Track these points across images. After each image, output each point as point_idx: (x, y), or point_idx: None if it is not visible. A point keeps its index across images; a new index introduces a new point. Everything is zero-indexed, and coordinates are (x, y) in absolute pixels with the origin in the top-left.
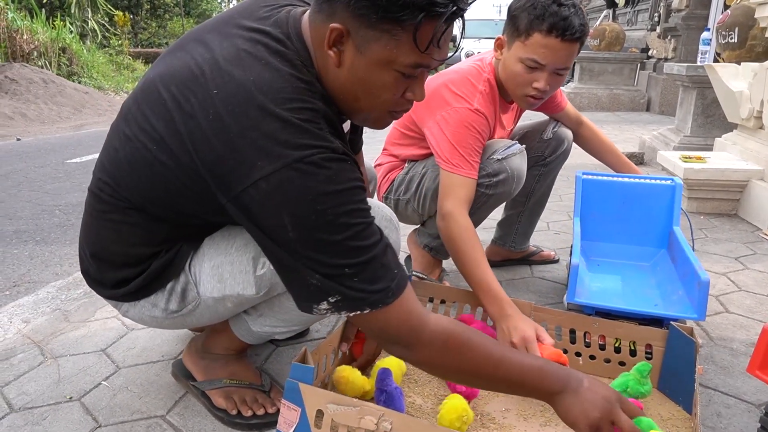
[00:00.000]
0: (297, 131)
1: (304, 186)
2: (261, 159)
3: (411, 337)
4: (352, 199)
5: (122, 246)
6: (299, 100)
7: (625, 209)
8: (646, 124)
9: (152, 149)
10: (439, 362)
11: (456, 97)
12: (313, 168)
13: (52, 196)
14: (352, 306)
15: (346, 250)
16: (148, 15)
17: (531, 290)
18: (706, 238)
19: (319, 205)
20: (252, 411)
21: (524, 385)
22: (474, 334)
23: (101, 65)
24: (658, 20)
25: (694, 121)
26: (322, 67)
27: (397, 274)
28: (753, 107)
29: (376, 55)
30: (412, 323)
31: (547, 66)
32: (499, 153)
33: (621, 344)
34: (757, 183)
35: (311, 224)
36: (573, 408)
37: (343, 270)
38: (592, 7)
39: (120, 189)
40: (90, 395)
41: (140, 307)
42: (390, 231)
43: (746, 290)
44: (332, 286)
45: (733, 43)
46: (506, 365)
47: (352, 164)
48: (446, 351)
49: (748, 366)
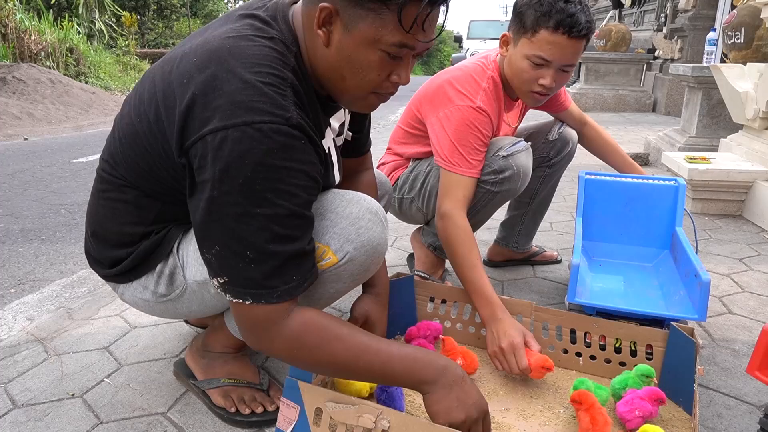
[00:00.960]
0: (256, 94)
1: (243, 149)
2: (215, 116)
3: (266, 331)
4: (286, 179)
5: (117, 224)
6: (268, 66)
7: (628, 210)
8: (652, 125)
9: (136, 122)
10: (294, 355)
11: (459, 95)
12: (259, 135)
13: (58, 195)
14: (237, 293)
15: (258, 229)
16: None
17: (533, 290)
18: (710, 239)
19: (250, 172)
20: (250, 409)
21: (391, 373)
22: (332, 325)
23: (108, 65)
24: (664, 21)
25: (700, 122)
26: (311, 48)
27: (294, 280)
28: (758, 108)
29: (363, 34)
30: (272, 318)
31: (554, 63)
32: (505, 150)
33: (621, 344)
34: (762, 184)
35: (236, 188)
36: (440, 402)
37: (245, 251)
38: (599, 8)
39: (117, 167)
40: (92, 392)
41: (133, 289)
42: (372, 224)
43: (750, 291)
44: (225, 265)
45: (740, 44)
46: (368, 355)
47: (306, 143)
48: (300, 345)
49: (748, 367)
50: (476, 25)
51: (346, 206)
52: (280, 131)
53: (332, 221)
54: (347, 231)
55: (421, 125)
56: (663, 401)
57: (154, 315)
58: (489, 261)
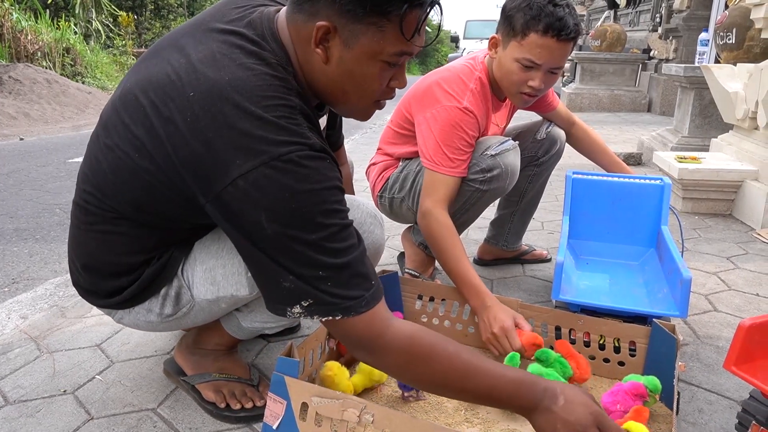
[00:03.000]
0: (273, 128)
1: (281, 183)
2: (239, 157)
3: (373, 343)
4: (329, 198)
5: (113, 256)
6: (274, 97)
7: (615, 208)
8: (646, 124)
9: (134, 157)
10: (403, 370)
11: (446, 95)
12: (291, 166)
13: (53, 194)
14: (325, 311)
15: (321, 251)
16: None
17: (522, 288)
18: (699, 238)
19: (295, 203)
20: (240, 404)
21: (495, 398)
22: (440, 343)
23: (105, 65)
24: (659, 21)
25: (692, 122)
26: (305, 64)
27: (373, 285)
28: (748, 108)
29: (365, 48)
30: (375, 330)
31: (543, 65)
32: (493, 149)
33: (605, 341)
34: (752, 183)
35: (287, 222)
36: (545, 425)
37: (317, 272)
38: (594, 8)
39: (106, 199)
40: (84, 389)
41: (135, 314)
42: (374, 227)
43: (736, 289)
44: (306, 290)
45: (731, 44)
46: (476, 377)
47: (331, 162)
48: (410, 359)
49: (725, 362)
50: (473, 25)
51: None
52: (309, 156)
53: None
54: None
55: (410, 125)
56: (644, 396)
57: (156, 332)
58: (479, 260)
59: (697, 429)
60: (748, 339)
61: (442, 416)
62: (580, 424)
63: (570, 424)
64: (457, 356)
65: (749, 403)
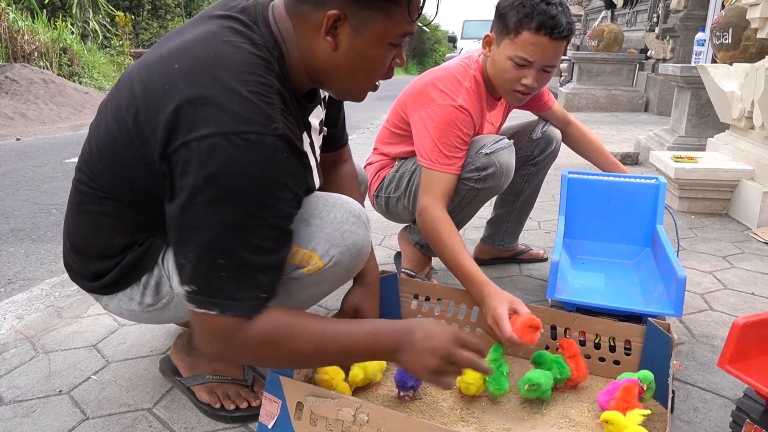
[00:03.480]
0: (244, 103)
1: (230, 158)
2: (202, 122)
3: (232, 341)
4: (269, 191)
5: (99, 237)
6: (253, 74)
7: (611, 208)
8: (644, 124)
9: (114, 131)
10: (262, 359)
11: (441, 94)
12: (246, 145)
13: (50, 195)
14: (203, 303)
15: (236, 237)
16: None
17: (518, 288)
18: (695, 237)
19: (234, 181)
20: (235, 404)
21: (358, 354)
22: (297, 321)
23: (102, 65)
24: (656, 21)
25: (689, 122)
26: (307, 52)
27: (263, 297)
28: (744, 108)
29: (374, 33)
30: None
31: (536, 63)
32: (488, 147)
33: (601, 340)
34: (748, 183)
35: (218, 196)
36: (411, 362)
37: (218, 260)
38: (592, 8)
39: (96, 178)
40: (79, 389)
41: (118, 300)
42: (356, 227)
43: (731, 288)
44: (199, 273)
45: (728, 44)
46: (333, 343)
47: (291, 156)
48: (265, 346)
49: (719, 360)
50: (470, 25)
51: (330, 211)
52: (266, 142)
53: (318, 227)
54: (332, 236)
55: (406, 125)
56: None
57: (140, 322)
58: (476, 259)
59: (692, 427)
60: (743, 337)
61: (438, 415)
62: (442, 347)
63: (433, 350)
64: (312, 328)
65: (743, 401)
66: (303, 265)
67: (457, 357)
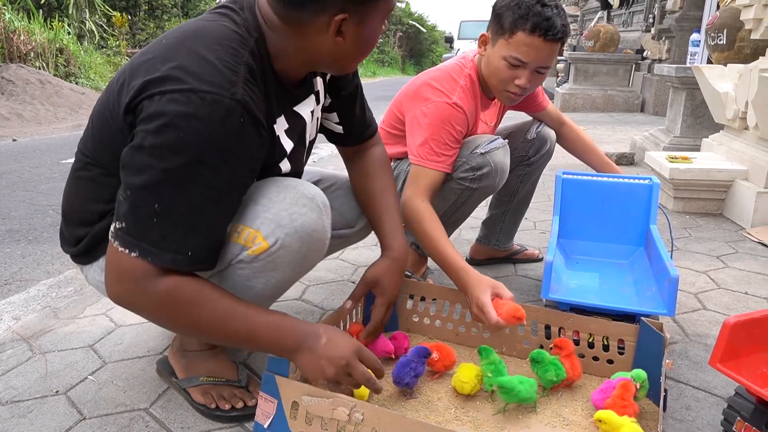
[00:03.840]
0: (208, 67)
1: (184, 113)
2: (169, 80)
3: (140, 286)
4: (216, 150)
5: (80, 201)
6: (225, 45)
7: (605, 208)
8: (639, 125)
9: (104, 98)
10: (159, 314)
11: (436, 92)
12: (201, 102)
13: (46, 196)
14: (127, 243)
15: (175, 187)
16: (146, 16)
17: (514, 288)
18: (690, 237)
19: (184, 134)
20: (230, 404)
21: (256, 341)
22: (205, 289)
23: (99, 66)
24: (652, 21)
25: (684, 122)
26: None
27: (189, 255)
28: (738, 108)
29: (374, 21)
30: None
31: (530, 64)
32: (482, 147)
33: (594, 339)
34: (742, 183)
35: (167, 145)
36: (309, 365)
37: (153, 206)
38: (588, 9)
39: (88, 144)
40: (76, 389)
41: (93, 271)
42: (307, 209)
43: (725, 288)
44: (132, 212)
45: (722, 45)
46: (236, 320)
47: (246, 124)
48: (168, 304)
49: (710, 359)
50: (467, 26)
51: (280, 192)
52: (221, 103)
53: (264, 206)
54: (280, 216)
55: (401, 125)
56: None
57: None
58: (471, 259)
59: (685, 426)
60: (733, 337)
61: (432, 414)
62: (342, 357)
63: (333, 359)
64: (220, 301)
65: (734, 399)
66: (248, 245)
67: (354, 370)
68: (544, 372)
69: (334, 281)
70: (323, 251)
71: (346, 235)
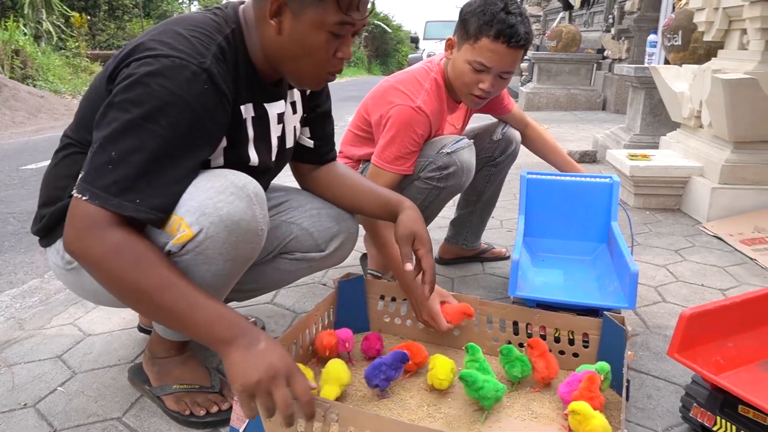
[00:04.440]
0: (182, 40)
1: (152, 71)
2: (144, 51)
3: (89, 231)
4: (176, 107)
5: (54, 179)
6: (202, 26)
7: (568, 206)
8: (601, 122)
9: (92, 85)
10: (104, 266)
11: (401, 95)
12: (169, 63)
13: (6, 203)
14: (81, 188)
15: (133, 137)
16: (107, 16)
17: (482, 286)
18: (650, 232)
19: (148, 89)
20: (205, 410)
21: (191, 321)
22: (156, 253)
23: (57, 68)
24: (612, 22)
25: (643, 120)
26: (264, 39)
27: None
28: (693, 107)
29: (310, 19)
30: (98, 221)
31: (493, 69)
32: (449, 147)
33: (560, 334)
34: (698, 179)
35: (131, 98)
36: (236, 364)
37: (111, 153)
38: (550, 9)
39: (71, 127)
40: (45, 401)
41: (51, 254)
42: (234, 197)
43: (683, 281)
44: (92, 161)
45: (678, 46)
46: (178, 291)
47: (210, 90)
48: (115, 257)
49: (669, 350)
50: (432, 26)
51: (209, 180)
52: (188, 68)
53: (190, 194)
54: (204, 204)
55: (369, 127)
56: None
57: (71, 289)
58: (440, 259)
59: (646, 414)
60: (690, 328)
61: (405, 413)
62: (273, 368)
63: (264, 366)
64: (166, 268)
65: (691, 386)
66: (173, 233)
67: (277, 389)
68: (510, 367)
69: (305, 284)
70: (257, 242)
71: (314, 258)
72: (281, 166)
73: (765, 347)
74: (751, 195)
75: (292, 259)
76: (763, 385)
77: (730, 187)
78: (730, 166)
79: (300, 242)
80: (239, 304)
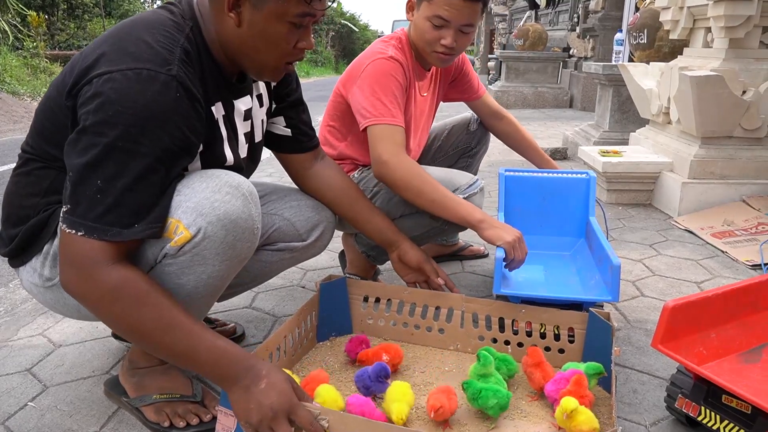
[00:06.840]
0: (145, 47)
1: (120, 88)
2: (108, 62)
3: (91, 270)
4: (153, 122)
5: (18, 197)
6: (161, 29)
7: (546, 202)
8: (569, 120)
9: (51, 91)
10: (104, 305)
11: (371, 55)
12: (137, 78)
13: None
14: (73, 222)
15: (115, 161)
16: (66, 15)
17: (462, 284)
18: (623, 227)
19: (122, 109)
20: (185, 421)
21: (195, 360)
22: (157, 291)
23: (15, 69)
24: (577, 21)
25: (612, 117)
26: (221, 32)
27: (135, 227)
28: (661, 104)
29: (271, 9)
30: (101, 258)
31: (452, 23)
32: (462, 191)
33: (546, 329)
34: (668, 174)
35: (105, 121)
36: (238, 403)
37: (96, 181)
38: (516, 8)
39: (29, 141)
40: (15, 418)
41: (26, 273)
42: (230, 197)
43: (659, 275)
44: (77, 191)
45: (643, 44)
46: (179, 333)
47: (182, 98)
48: (116, 297)
49: (652, 341)
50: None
51: (203, 181)
52: (157, 78)
53: (186, 195)
54: (201, 205)
55: (345, 108)
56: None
57: (49, 307)
58: None
59: (633, 408)
60: (673, 319)
61: None
62: (272, 409)
63: (263, 407)
64: (168, 307)
65: (676, 377)
66: (171, 236)
67: (278, 427)
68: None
69: (283, 287)
70: (253, 240)
71: (296, 248)
72: (255, 161)
73: (746, 338)
74: (719, 189)
75: (274, 250)
76: (744, 375)
77: (699, 181)
78: (699, 161)
79: (282, 232)
80: (218, 306)
